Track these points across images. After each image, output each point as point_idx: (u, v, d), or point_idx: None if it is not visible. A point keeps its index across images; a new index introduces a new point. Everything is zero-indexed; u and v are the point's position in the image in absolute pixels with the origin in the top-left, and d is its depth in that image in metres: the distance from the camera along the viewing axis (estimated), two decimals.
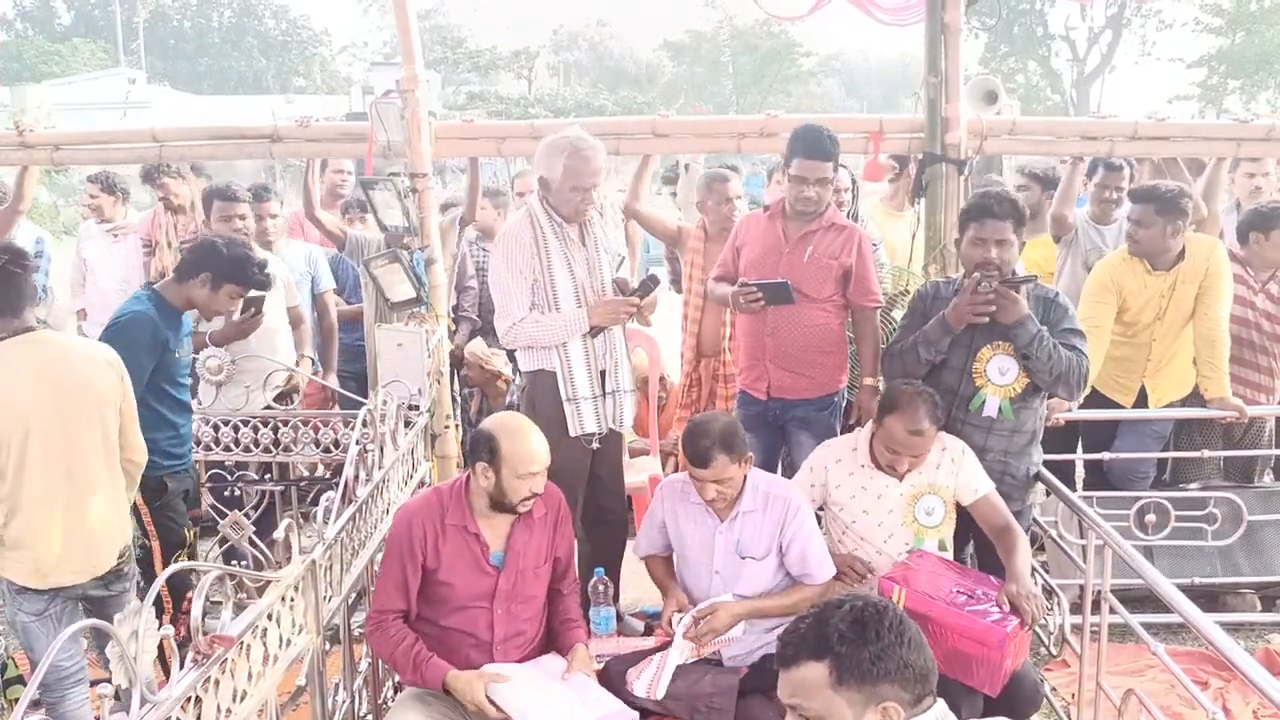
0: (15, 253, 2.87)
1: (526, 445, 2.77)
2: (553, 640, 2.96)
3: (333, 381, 4.92)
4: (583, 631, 2.96)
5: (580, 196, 3.43)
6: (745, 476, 3.02)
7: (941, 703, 1.61)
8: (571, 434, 3.49)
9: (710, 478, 2.94)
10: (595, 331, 3.49)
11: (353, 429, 2.99)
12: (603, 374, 3.54)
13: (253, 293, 3.67)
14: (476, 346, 4.87)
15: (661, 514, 3.18)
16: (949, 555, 3.16)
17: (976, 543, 3.36)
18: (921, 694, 1.56)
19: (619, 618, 3.69)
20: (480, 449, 2.78)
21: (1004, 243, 3.19)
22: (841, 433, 3.86)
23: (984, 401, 3.27)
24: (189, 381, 3.63)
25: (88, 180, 5.58)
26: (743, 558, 3.03)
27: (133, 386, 3.11)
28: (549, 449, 2.84)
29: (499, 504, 2.79)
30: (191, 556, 3.62)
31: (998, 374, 3.25)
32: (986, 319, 3.20)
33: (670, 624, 3.01)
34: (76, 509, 2.87)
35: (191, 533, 3.61)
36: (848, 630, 1.54)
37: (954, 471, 3.13)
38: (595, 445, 3.54)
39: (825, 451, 3.29)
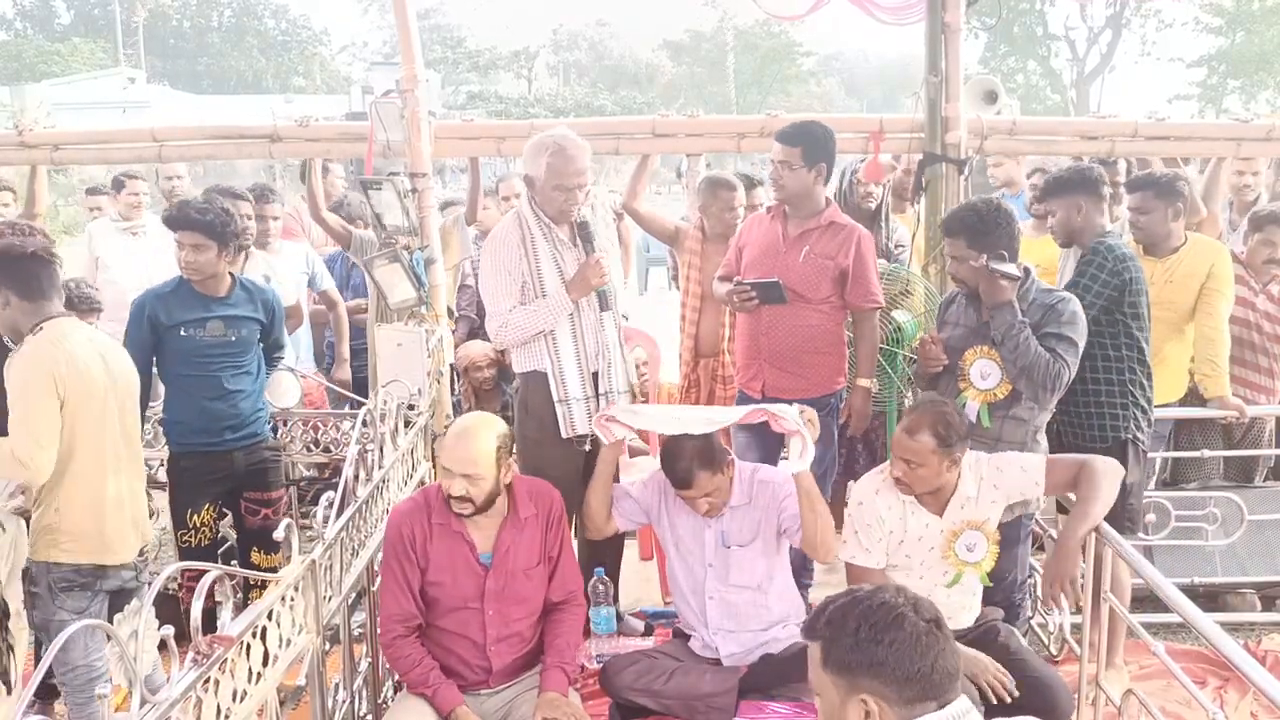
0: (41, 244, 3.01)
1: (449, 443, 2.79)
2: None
3: (344, 372, 4.95)
4: (559, 675, 2.84)
5: (563, 196, 3.39)
6: (731, 480, 3.04)
7: (950, 710, 1.57)
8: (563, 435, 3.47)
9: (696, 495, 2.97)
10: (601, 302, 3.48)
11: (352, 429, 3.00)
12: (595, 375, 3.51)
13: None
14: (482, 345, 4.82)
15: (656, 499, 3.18)
16: (981, 588, 3.05)
17: None
18: (914, 697, 1.55)
19: (619, 618, 3.69)
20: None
21: (956, 258, 3.26)
22: (840, 434, 3.86)
23: (964, 405, 3.22)
24: (226, 363, 3.60)
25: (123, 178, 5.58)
26: (728, 547, 3.06)
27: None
28: (544, 453, 2.85)
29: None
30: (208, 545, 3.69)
31: (979, 377, 3.22)
32: (940, 368, 3.26)
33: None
34: (114, 487, 2.99)
35: (197, 516, 3.64)
36: (834, 617, 1.61)
37: (1004, 490, 2.95)
38: (587, 447, 3.52)
39: (865, 486, 3.07)
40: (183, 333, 3.52)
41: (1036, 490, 2.98)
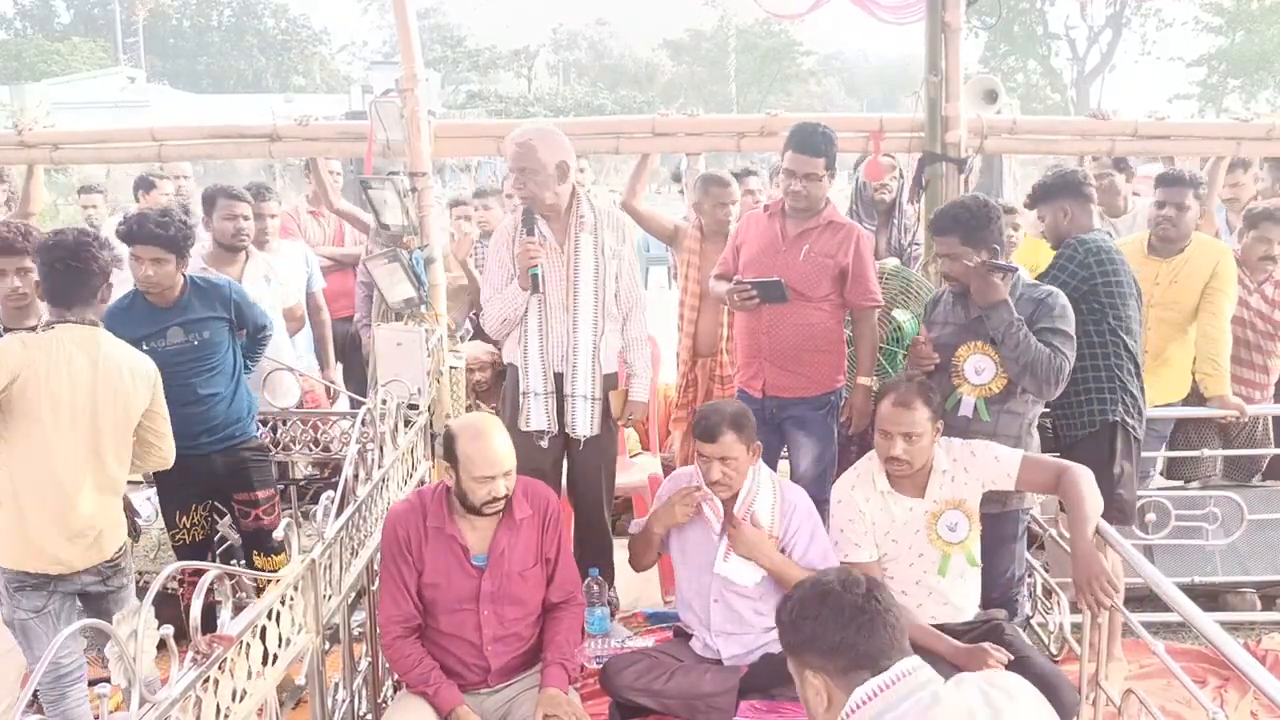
0: (71, 249, 2.93)
1: (482, 447, 2.72)
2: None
3: (335, 376, 4.94)
4: (560, 672, 2.83)
5: (511, 179, 3.51)
6: (751, 470, 3.03)
7: (895, 669, 1.62)
8: (521, 428, 3.52)
9: (717, 454, 2.96)
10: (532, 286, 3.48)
11: (352, 428, 3.00)
12: (559, 376, 3.53)
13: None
14: (479, 347, 4.84)
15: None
16: (977, 569, 3.08)
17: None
18: (847, 667, 1.63)
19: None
20: (444, 449, 2.79)
21: (949, 256, 3.25)
22: (838, 433, 3.85)
23: (959, 401, 3.24)
24: (196, 367, 3.54)
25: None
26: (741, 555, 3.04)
27: None
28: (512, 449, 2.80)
29: (465, 505, 2.77)
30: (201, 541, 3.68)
31: (974, 373, 3.24)
32: (932, 368, 3.26)
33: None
34: (55, 501, 2.88)
35: (186, 518, 3.62)
36: (780, 605, 1.78)
37: (974, 475, 3.02)
38: (544, 444, 3.53)
39: (842, 484, 3.13)
40: (144, 347, 3.40)
41: (1008, 482, 3.01)
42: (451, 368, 4.20)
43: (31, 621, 2.91)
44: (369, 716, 3.01)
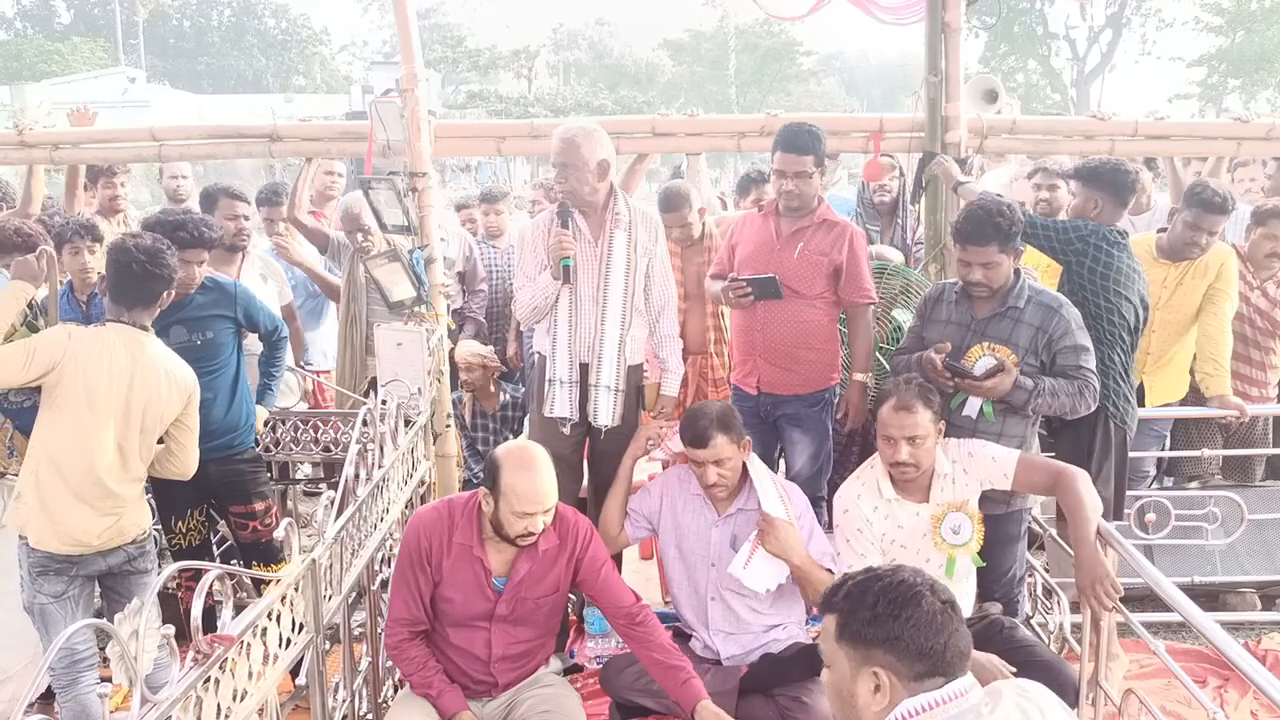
0: (150, 253, 3.07)
1: (527, 483, 2.65)
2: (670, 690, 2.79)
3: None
4: (699, 684, 2.73)
5: (554, 172, 3.57)
6: (745, 465, 3.04)
7: (952, 687, 1.60)
8: (545, 414, 3.56)
9: (710, 458, 2.97)
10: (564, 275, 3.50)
11: (352, 428, 3.00)
12: (584, 366, 3.55)
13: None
14: (472, 346, 4.85)
15: (657, 501, 3.18)
16: (977, 567, 3.08)
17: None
18: (924, 673, 1.60)
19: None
20: (486, 474, 2.74)
21: (989, 265, 3.18)
22: (834, 431, 3.86)
23: (965, 401, 3.23)
24: (197, 368, 3.42)
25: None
26: (736, 551, 3.04)
27: None
28: (538, 433, 2.78)
29: (498, 532, 2.74)
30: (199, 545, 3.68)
31: (980, 373, 3.21)
32: (951, 387, 3.23)
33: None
34: (82, 485, 2.99)
35: (182, 523, 3.63)
36: (853, 591, 1.67)
37: (973, 475, 3.02)
38: (567, 430, 3.56)
39: (846, 493, 3.11)
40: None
41: (1005, 483, 3.01)
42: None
43: (51, 606, 2.98)
44: (369, 716, 3.00)
